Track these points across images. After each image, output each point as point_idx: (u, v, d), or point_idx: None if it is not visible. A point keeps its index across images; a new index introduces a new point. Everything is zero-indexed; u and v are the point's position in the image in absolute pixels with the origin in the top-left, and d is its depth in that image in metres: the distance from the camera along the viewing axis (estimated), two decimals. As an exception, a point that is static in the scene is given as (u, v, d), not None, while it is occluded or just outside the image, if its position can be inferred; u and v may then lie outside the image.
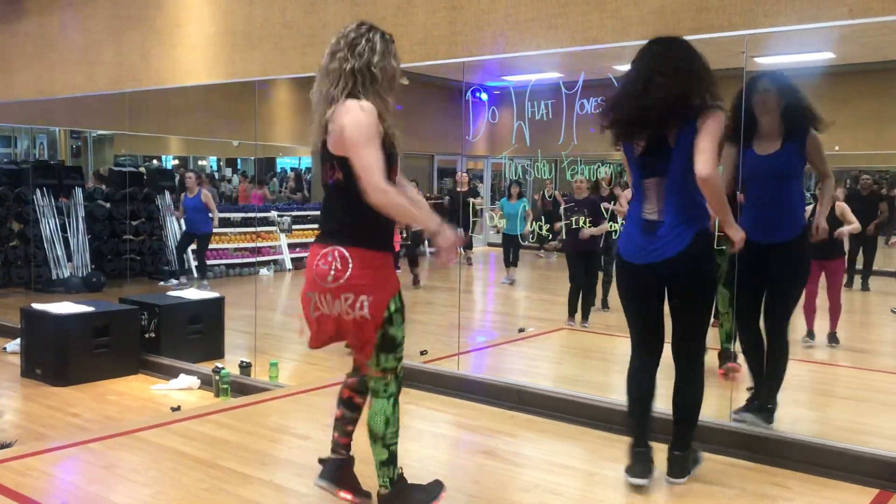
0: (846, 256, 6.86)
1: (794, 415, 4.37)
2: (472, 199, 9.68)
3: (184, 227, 10.52)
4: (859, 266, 9.41)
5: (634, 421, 3.59)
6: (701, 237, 3.36)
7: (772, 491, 3.60)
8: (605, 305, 8.36)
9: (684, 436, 3.57)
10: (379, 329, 2.92)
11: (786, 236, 4.10)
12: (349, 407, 3.21)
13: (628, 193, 5.92)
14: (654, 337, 3.57)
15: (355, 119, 2.80)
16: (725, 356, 5.54)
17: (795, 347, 6.51)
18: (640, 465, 3.52)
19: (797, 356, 6.29)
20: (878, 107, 8.55)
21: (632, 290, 3.55)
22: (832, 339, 6.75)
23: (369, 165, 2.76)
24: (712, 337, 5.12)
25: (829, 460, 3.83)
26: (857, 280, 9.45)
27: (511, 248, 10.77)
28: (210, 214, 10.18)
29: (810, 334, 6.78)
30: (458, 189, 12.57)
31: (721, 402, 4.42)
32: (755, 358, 4.34)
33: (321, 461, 3.24)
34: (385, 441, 3.00)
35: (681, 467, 3.57)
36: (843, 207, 6.67)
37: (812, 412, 5.05)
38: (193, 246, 10.44)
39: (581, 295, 7.70)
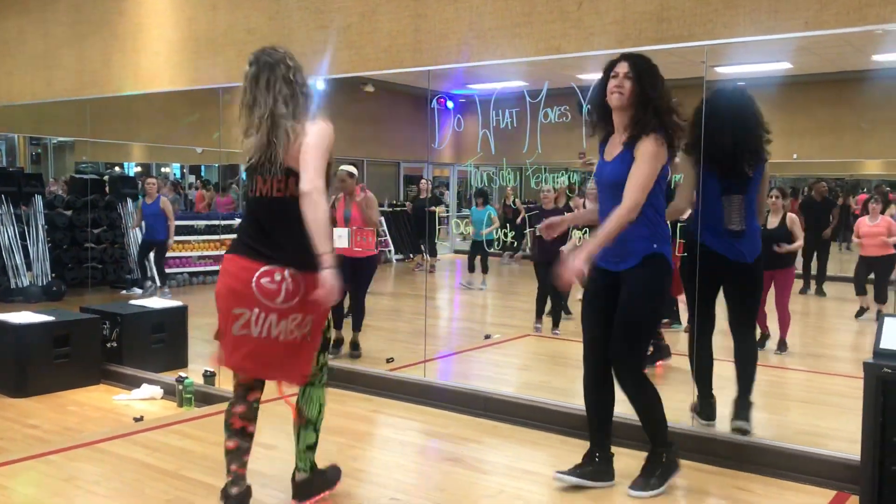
0: (794, 266, 6.92)
1: (754, 419, 4.44)
2: (434, 208, 9.71)
3: (143, 235, 10.35)
4: (813, 272, 9.61)
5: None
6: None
7: (734, 494, 3.66)
8: (567, 311, 8.38)
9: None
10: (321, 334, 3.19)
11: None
12: (244, 437, 3.23)
13: (585, 203, 6.01)
14: None
15: (324, 129, 3.05)
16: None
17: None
18: None
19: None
20: (835, 116, 8.75)
21: None
22: (782, 346, 6.83)
23: (321, 167, 2.96)
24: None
25: (790, 463, 3.90)
26: (812, 285, 9.64)
27: (477, 254, 10.84)
28: (168, 222, 10.03)
29: (762, 340, 6.88)
30: (421, 196, 12.62)
31: (682, 406, 4.48)
32: (708, 373, 4.46)
33: (230, 497, 3.19)
34: (316, 425, 3.31)
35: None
36: (793, 220, 6.75)
37: (772, 416, 5.14)
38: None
39: (550, 302, 7.74)
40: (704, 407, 4.42)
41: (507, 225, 9.70)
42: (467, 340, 8.20)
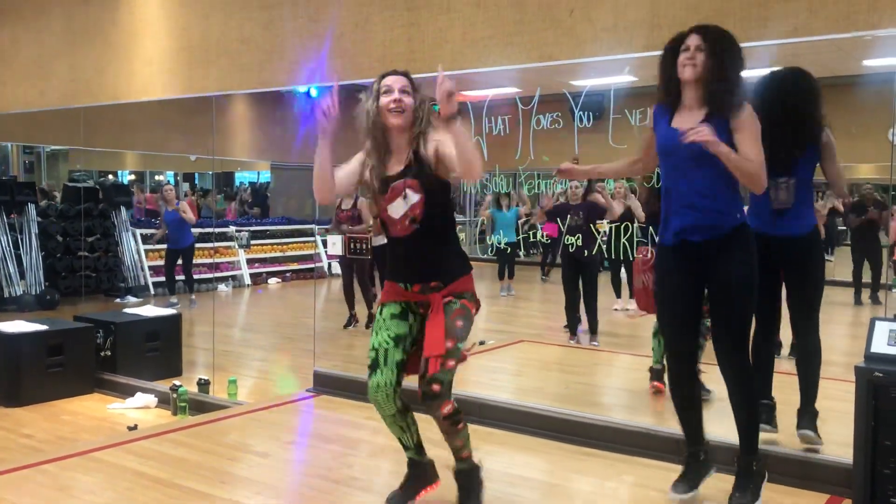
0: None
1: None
2: None
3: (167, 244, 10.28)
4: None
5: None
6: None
7: (726, 498, 3.66)
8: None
9: None
10: None
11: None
12: None
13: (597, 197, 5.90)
14: None
15: None
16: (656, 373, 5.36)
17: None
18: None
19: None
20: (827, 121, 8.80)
21: None
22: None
23: None
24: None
25: (783, 467, 3.91)
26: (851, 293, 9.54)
27: (506, 261, 10.20)
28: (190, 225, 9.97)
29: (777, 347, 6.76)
30: None
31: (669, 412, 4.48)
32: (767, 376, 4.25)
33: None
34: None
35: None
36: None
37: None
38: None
39: (585, 309, 7.32)
40: (762, 410, 4.07)
41: (538, 226, 9.19)
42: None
